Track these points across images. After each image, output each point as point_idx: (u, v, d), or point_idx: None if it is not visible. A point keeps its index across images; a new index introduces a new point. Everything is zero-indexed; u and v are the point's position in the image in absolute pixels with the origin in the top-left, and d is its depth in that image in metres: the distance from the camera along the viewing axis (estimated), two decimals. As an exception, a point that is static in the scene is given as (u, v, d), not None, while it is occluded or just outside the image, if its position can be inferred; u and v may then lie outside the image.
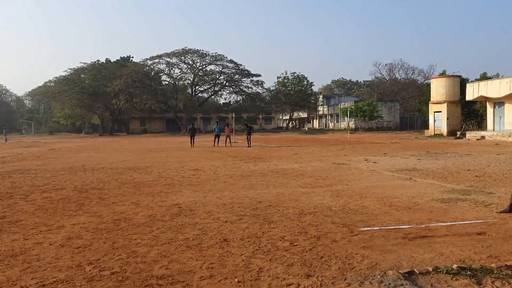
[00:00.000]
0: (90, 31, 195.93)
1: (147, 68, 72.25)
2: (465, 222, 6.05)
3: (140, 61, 74.27)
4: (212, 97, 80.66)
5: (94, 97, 70.86)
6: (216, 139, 30.04)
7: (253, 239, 5.34)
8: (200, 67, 72.40)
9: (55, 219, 6.68)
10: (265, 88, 77.50)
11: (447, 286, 3.71)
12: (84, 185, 10.63)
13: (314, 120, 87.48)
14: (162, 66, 72.90)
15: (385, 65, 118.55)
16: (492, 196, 8.10)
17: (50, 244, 5.25)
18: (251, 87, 74.87)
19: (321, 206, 7.33)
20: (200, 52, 70.81)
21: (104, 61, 76.64)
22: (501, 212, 6.61)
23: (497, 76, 47.86)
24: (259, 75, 75.82)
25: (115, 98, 67.21)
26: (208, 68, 73.03)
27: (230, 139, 30.85)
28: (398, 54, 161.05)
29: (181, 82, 75.16)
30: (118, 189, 9.90)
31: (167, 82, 75.20)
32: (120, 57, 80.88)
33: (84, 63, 73.82)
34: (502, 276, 3.91)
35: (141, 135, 68.64)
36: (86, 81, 71.93)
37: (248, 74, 73.85)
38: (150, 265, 4.40)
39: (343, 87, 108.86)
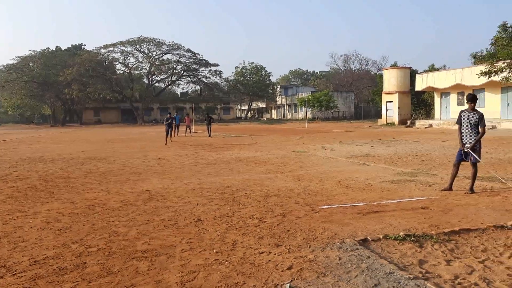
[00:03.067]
0: (37, 16, 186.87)
1: (101, 56, 70.24)
2: (412, 199, 6.83)
3: (93, 49, 72.15)
4: (169, 86, 79.72)
5: (45, 87, 68.07)
6: (176, 129, 30.09)
7: (224, 218, 5.82)
8: (156, 56, 71.28)
9: (28, 206, 6.85)
10: (223, 78, 77.59)
11: (395, 249, 4.37)
12: (48, 175, 10.66)
13: (273, 110, 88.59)
14: (116, 55, 71.17)
15: (341, 56, 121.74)
16: (435, 177, 9.01)
17: (31, 227, 5.48)
18: (209, 77, 74.71)
19: (284, 189, 7.92)
20: (156, 41, 69.71)
21: (54, 49, 73.77)
22: (442, 190, 7.46)
23: (443, 67, 50.59)
24: (217, 65, 75.71)
25: (67, 88, 64.85)
26: (165, 57, 72.07)
27: (190, 129, 31.01)
28: (353, 45, 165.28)
29: (137, 72, 73.83)
30: (84, 178, 10.05)
31: (122, 71, 73.50)
32: (72, 45, 78.21)
33: (33, 51, 70.63)
34: (440, 240, 4.62)
35: (96, 126, 66.91)
36: (36, 70, 68.91)
37: (206, 64, 73.49)
38: (132, 242, 4.79)
39: (300, 78, 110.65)
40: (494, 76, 24.12)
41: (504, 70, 23.00)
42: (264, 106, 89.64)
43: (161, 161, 13.42)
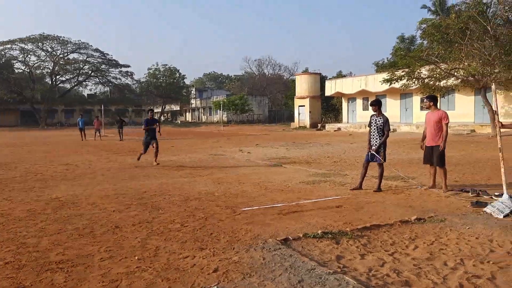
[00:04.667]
0: None
1: (-4, 54, 63.99)
2: (327, 198, 7.21)
3: (-13, 46, 65.38)
4: (76, 87, 75.06)
5: None
6: (82, 132, 28.43)
7: (144, 224, 5.65)
8: (61, 55, 66.69)
9: None
10: (135, 80, 74.91)
11: (314, 247, 4.58)
12: None
13: (187, 113, 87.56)
14: (15, 53, 65.17)
15: (254, 60, 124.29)
16: (347, 177, 9.59)
17: None
18: (119, 78, 71.60)
19: (204, 193, 7.89)
20: (61, 38, 65.09)
21: None
22: (353, 189, 7.98)
23: (350, 74, 54.06)
24: (128, 66, 72.77)
25: (-44, 88, 58.24)
26: (70, 57, 67.70)
27: (100, 133, 29.50)
28: (266, 50, 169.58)
29: (38, 71, 68.26)
30: (-18, 187, 9.10)
31: (21, 70, 67.61)
32: (-38, 40, 70.22)
33: None
34: (354, 236, 4.94)
35: (-9, 129, 60.72)
36: None
37: (117, 65, 70.33)
38: (44, 253, 4.45)
39: (215, 81, 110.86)
40: (394, 83, 26.29)
41: (403, 78, 25.19)
42: (178, 109, 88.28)
43: (70, 167, 12.61)
